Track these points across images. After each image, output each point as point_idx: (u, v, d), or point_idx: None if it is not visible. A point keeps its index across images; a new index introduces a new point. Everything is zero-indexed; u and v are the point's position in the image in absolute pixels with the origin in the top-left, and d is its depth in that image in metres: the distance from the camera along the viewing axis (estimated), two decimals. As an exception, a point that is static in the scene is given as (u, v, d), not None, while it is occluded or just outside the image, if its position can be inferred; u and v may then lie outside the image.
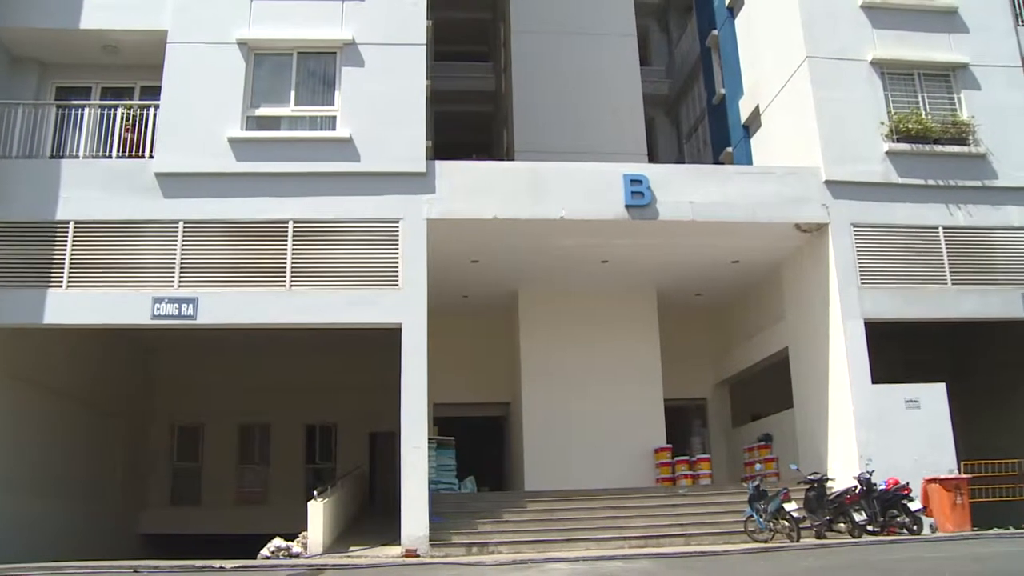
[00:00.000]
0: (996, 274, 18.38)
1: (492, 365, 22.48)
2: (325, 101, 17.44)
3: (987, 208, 18.69)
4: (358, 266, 16.44)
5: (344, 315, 16.23)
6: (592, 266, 20.07)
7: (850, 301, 17.73)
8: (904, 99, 19.26)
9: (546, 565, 12.94)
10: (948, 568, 11.20)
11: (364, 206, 16.72)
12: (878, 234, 18.22)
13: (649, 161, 24.87)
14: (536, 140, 24.12)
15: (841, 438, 17.53)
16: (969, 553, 12.70)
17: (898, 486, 15.62)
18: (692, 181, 18.30)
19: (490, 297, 21.68)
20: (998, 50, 19.81)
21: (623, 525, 16.32)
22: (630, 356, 21.34)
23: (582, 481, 19.01)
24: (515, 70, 25.38)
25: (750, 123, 23.23)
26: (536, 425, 20.56)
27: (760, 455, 20.68)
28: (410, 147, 17.16)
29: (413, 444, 15.62)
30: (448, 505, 16.86)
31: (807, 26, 19.30)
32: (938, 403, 17.44)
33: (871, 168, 18.51)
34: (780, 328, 20.57)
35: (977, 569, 11.22)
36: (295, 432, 25.12)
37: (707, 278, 21.50)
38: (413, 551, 14.68)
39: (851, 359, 17.42)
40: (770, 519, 15.26)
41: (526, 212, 17.38)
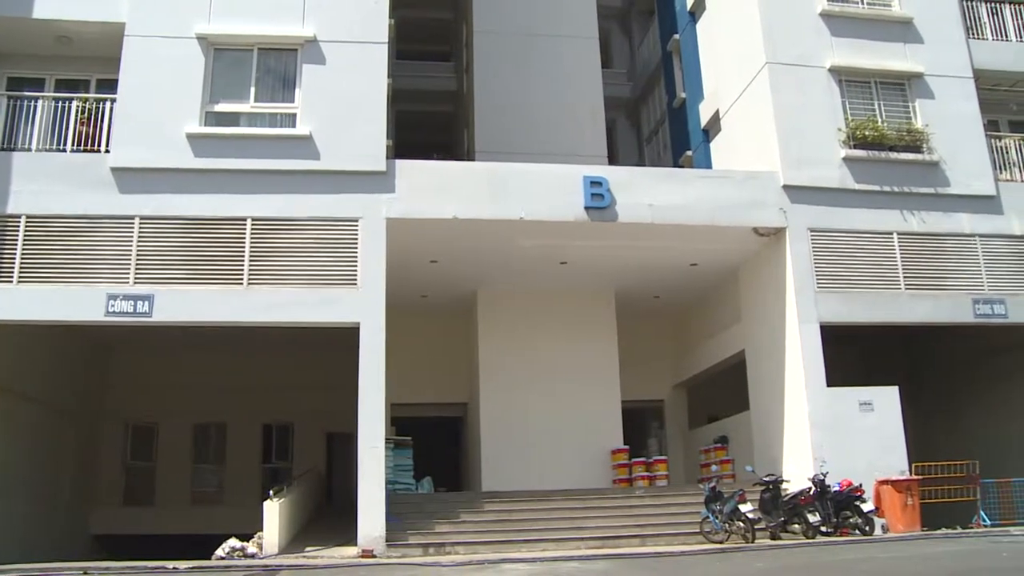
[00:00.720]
0: (947, 280, 18.71)
1: (450, 365, 22.45)
2: (285, 98, 17.30)
3: (939, 215, 19.03)
4: (317, 265, 16.32)
5: (302, 314, 16.12)
6: (551, 267, 20.11)
7: (806, 305, 17.93)
8: (861, 106, 19.53)
9: (503, 566, 12.95)
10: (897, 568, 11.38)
11: (323, 204, 16.60)
12: (834, 239, 18.45)
13: (609, 163, 24.96)
14: (497, 141, 24.10)
15: (796, 440, 17.73)
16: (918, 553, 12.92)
17: (851, 488, 15.85)
18: (652, 184, 18.39)
19: (449, 297, 21.65)
20: (951, 61, 20.18)
21: (580, 526, 16.37)
22: (588, 357, 21.40)
23: (539, 482, 19.04)
24: (477, 70, 25.35)
25: (710, 127, 23.41)
26: (493, 425, 20.55)
27: (716, 457, 20.84)
28: (370, 146, 17.07)
29: (370, 444, 15.55)
30: (405, 505, 16.79)
31: (767, 32, 19.50)
32: (891, 406, 17.71)
33: (828, 174, 18.75)
34: (737, 331, 20.75)
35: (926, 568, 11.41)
36: (252, 431, 24.86)
37: (665, 280, 21.63)
38: (369, 551, 14.60)
39: (806, 362, 17.62)
40: (726, 520, 15.36)
41: (486, 212, 17.36)
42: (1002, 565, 11.43)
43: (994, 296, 18.78)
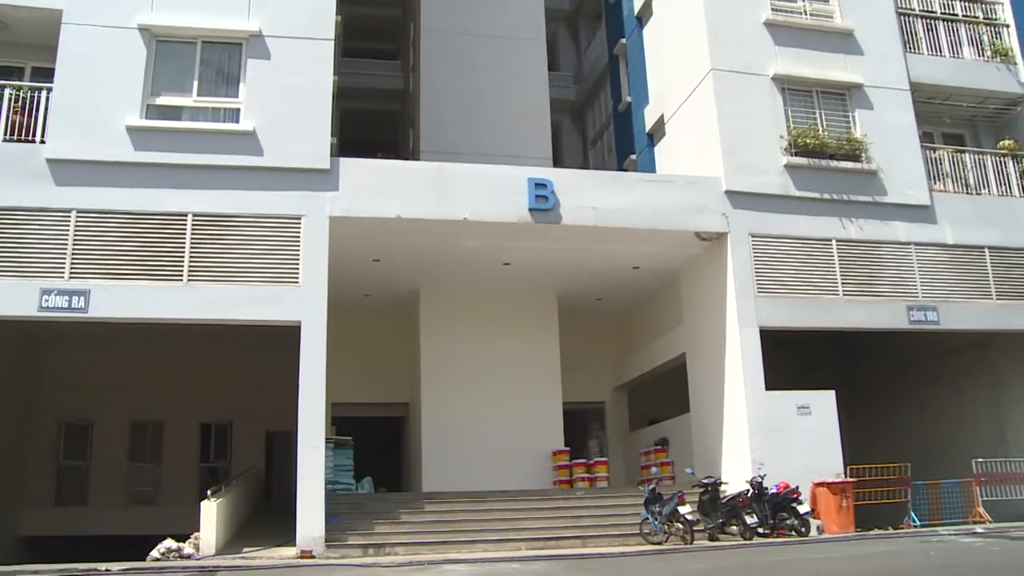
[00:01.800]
0: (883, 286, 19.12)
1: (392, 365, 22.34)
2: (229, 93, 17.04)
3: (877, 223, 19.43)
4: (258, 262, 16.10)
5: (243, 312, 15.88)
6: (494, 268, 20.13)
7: (746, 309, 18.17)
8: (803, 115, 19.86)
9: (443, 567, 12.93)
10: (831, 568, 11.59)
11: (266, 201, 16.37)
12: (775, 244, 18.74)
13: (554, 166, 25.04)
14: (442, 141, 24.04)
15: (735, 443, 17.95)
16: (852, 553, 13.20)
17: (788, 490, 16.11)
18: (596, 187, 18.49)
19: (391, 297, 21.55)
20: (889, 73, 20.64)
21: (521, 527, 16.38)
22: (530, 359, 21.45)
23: (480, 483, 19.01)
24: (423, 70, 25.25)
25: (654, 132, 23.61)
26: (435, 426, 20.49)
27: (656, 459, 21.02)
28: (314, 143, 16.90)
29: (310, 444, 15.40)
30: (345, 506, 16.67)
31: (712, 40, 19.73)
32: (827, 409, 18.04)
33: (770, 180, 19.03)
34: (678, 334, 20.95)
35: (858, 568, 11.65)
36: (189, 430, 24.45)
37: (608, 283, 21.77)
38: (309, 552, 14.46)
39: (746, 366, 17.85)
40: (665, 521, 15.51)
41: (430, 212, 17.30)
42: (930, 564, 11.71)
43: (927, 303, 19.23)
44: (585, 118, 31.33)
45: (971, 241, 20.04)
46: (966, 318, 19.55)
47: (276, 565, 13.73)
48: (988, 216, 20.46)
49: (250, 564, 13.73)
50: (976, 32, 22.40)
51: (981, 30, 22.45)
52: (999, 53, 22.14)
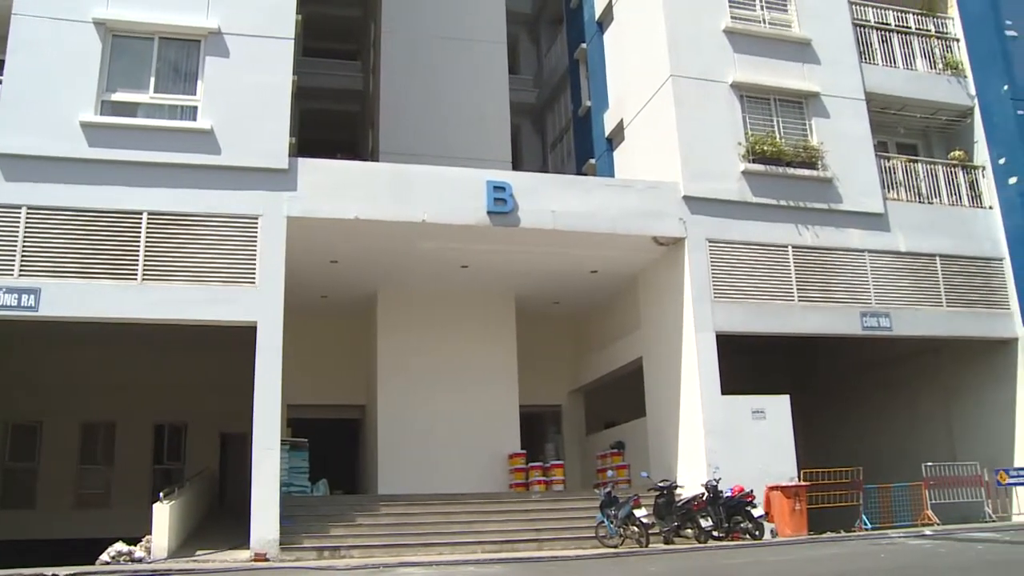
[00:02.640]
0: (838, 293, 19.38)
1: (348, 367, 22.22)
2: (187, 90, 16.81)
3: (832, 230, 19.70)
4: (214, 262, 15.89)
5: (198, 312, 15.67)
6: (452, 270, 20.10)
7: (703, 314, 18.31)
8: (761, 122, 20.07)
9: (399, 570, 12.89)
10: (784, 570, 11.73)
11: (223, 201, 16.17)
12: (732, 250, 18.91)
13: (513, 169, 25.04)
14: (402, 142, 23.94)
15: (690, 446, 18.08)
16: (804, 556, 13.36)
17: (743, 493, 16.25)
18: (555, 190, 18.55)
19: (349, 298, 21.43)
20: (845, 83, 20.94)
21: (477, 530, 16.36)
22: (487, 361, 21.44)
23: (437, 485, 18.93)
24: (384, 71, 25.15)
25: (614, 136, 23.72)
26: (391, 428, 20.38)
27: (612, 462, 21.06)
28: (273, 142, 16.73)
29: (265, 445, 15.24)
30: (300, 508, 16.50)
31: (672, 46, 19.87)
32: (782, 414, 18.22)
33: (727, 186, 19.21)
34: (635, 338, 21.06)
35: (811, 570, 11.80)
36: (143, 431, 24.13)
37: (565, 287, 21.82)
38: (263, 555, 14.32)
39: (702, 370, 17.98)
40: (621, 525, 15.57)
41: (388, 214, 17.21)
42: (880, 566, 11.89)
43: (880, 310, 19.54)
44: (545, 122, 31.40)
45: (923, 249, 20.42)
46: (917, 325, 19.90)
47: (229, 568, 13.57)
48: (939, 225, 20.86)
49: (203, 567, 13.56)
50: (929, 45, 22.83)
51: (933, 43, 22.89)
52: (950, 66, 22.59)
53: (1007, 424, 20.39)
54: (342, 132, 30.39)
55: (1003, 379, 20.66)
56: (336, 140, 29.22)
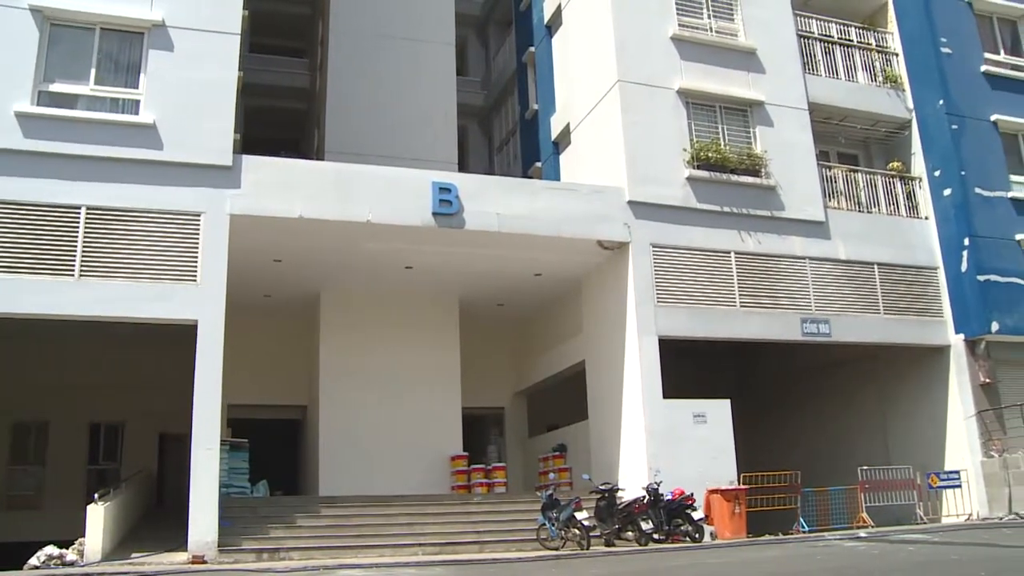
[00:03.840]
0: (779, 299, 19.67)
1: (290, 367, 22.01)
2: (129, 83, 16.42)
3: (774, 237, 19.99)
4: (155, 259, 15.57)
5: (137, 309, 15.35)
6: (396, 271, 20.02)
7: (646, 318, 18.45)
8: (706, 129, 20.30)
9: (338, 571, 12.80)
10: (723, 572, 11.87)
11: (165, 197, 15.85)
12: (675, 255, 19.09)
13: (459, 171, 25.01)
14: (348, 141, 23.81)
15: (632, 450, 18.19)
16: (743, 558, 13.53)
17: (683, 496, 16.39)
18: (500, 193, 18.56)
19: (292, 297, 21.22)
20: (789, 93, 21.29)
21: (418, 532, 16.29)
22: (430, 363, 21.36)
23: (378, 487, 18.81)
24: (331, 69, 24.97)
25: (560, 140, 23.82)
26: (333, 429, 20.22)
27: (554, 465, 21.15)
28: (217, 139, 16.45)
29: (205, 446, 14.99)
30: (239, 509, 16.28)
31: (620, 51, 20.02)
32: (723, 418, 18.43)
33: (672, 192, 19.39)
34: (578, 341, 21.15)
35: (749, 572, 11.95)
36: (77, 431, 23.59)
37: (510, 289, 21.84)
38: (200, 557, 14.09)
39: (644, 374, 18.12)
40: (562, 527, 15.60)
41: (333, 213, 17.06)
42: (817, 567, 12.07)
43: (820, 316, 19.88)
44: (492, 124, 31.44)
45: (862, 257, 20.83)
46: (856, 331, 20.29)
47: (166, 571, 13.33)
48: (878, 234, 21.31)
49: (138, 570, 13.26)
50: (870, 58, 23.32)
51: (874, 57, 23.39)
52: (890, 79, 23.10)
53: (939, 429, 20.90)
54: (288, 130, 30.15)
55: (936, 385, 21.15)
56: (281, 138, 29.00)
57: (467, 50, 32.54)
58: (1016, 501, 19.33)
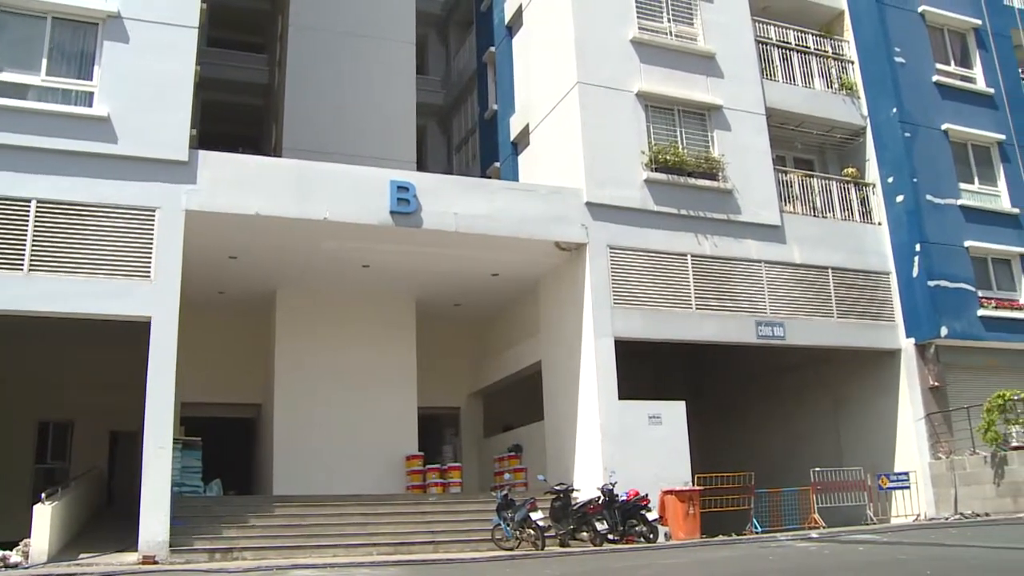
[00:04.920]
0: (734, 302, 19.85)
1: (245, 365, 21.78)
2: (83, 75, 16.10)
3: (730, 240, 20.18)
4: (108, 254, 15.30)
5: (89, 305, 15.07)
6: (353, 270, 19.90)
7: (602, 319, 18.52)
8: (664, 132, 20.43)
9: (292, 571, 12.68)
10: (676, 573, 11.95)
11: (118, 191, 15.57)
12: (632, 257, 19.19)
13: (418, 170, 24.92)
14: (306, 139, 23.63)
15: (587, 450, 18.25)
16: (697, 558, 13.61)
17: (638, 497, 16.47)
18: (458, 193, 18.52)
19: (247, 295, 21.02)
20: (747, 97, 21.51)
21: (373, 532, 16.22)
22: (386, 362, 21.27)
23: (333, 486, 18.72)
24: (290, 65, 24.78)
25: (519, 141, 23.84)
26: (287, 428, 20.05)
27: (510, 465, 21.15)
28: (173, 133, 16.21)
29: (157, 444, 14.78)
30: (192, 509, 16.07)
31: (580, 53, 20.07)
32: (678, 419, 18.56)
33: (630, 194, 19.48)
34: (535, 342, 21.18)
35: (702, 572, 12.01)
36: (25, 429, 23.06)
37: (467, 289, 21.82)
38: (151, 557, 13.89)
39: (600, 375, 18.19)
40: (517, 528, 15.62)
41: (290, 211, 16.90)
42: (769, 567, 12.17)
43: (775, 319, 20.10)
44: (451, 124, 31.40)
45: (816, 261, 21.11)
46: (809, 334, 20.54)
47: (115, 572, 13.10)
48: (832, 238, 21.60)
49: (86, 571, 13.03)
50: (826, 65, 23.65)
51: (830, 64, 23.73)
52: (845, 87, 23.44)
53: (889, 431, 21.24)
54: (245, 126, 29.87)
55: (887, 388, 21.50)
56: (239, 134, 28.71)
57: (427, 49, 32.46)
58: (962, 501, 19.71)
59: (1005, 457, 19.01)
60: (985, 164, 23.67)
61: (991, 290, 22.37)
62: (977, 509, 19.29)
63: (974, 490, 19.58)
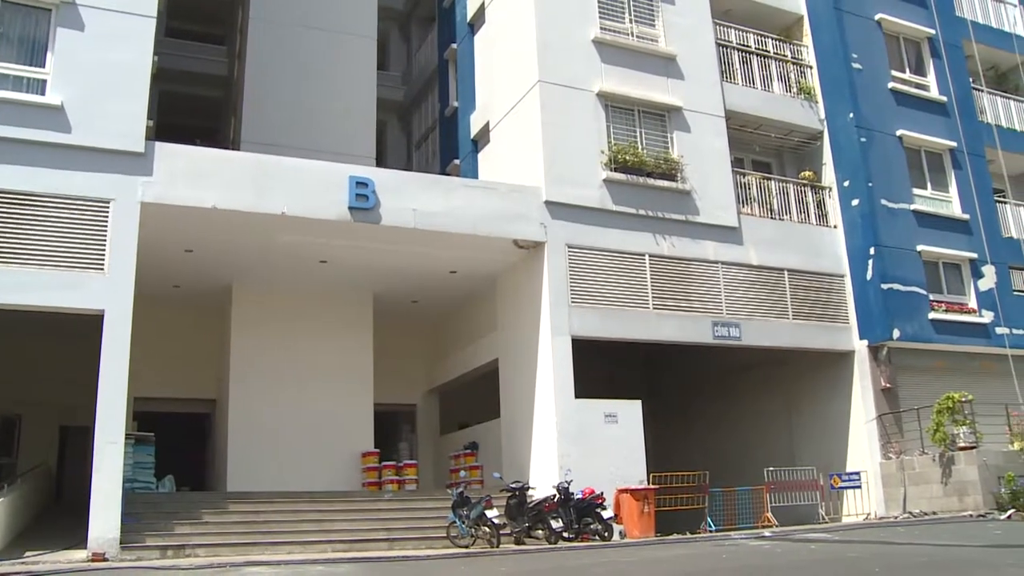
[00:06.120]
0: (691, 302, 19.99)
1: (199, 360, 21.58)
2: (35, 61, 15.75)
3: (688, 241, 20.32)
4: (60, 246, 15.01)
5: (40, 297, 14.79)
6: (311, 265, 19.75)
7: (560, 318, 18.56)
8: (624, 132, 20.51)
9: (245, 569, 12.56)
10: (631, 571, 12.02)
11: (72, 182, 15.28)
12: (590, 256, 19.25)
13: (377, 166, 24.78)
14: (265, 132, 23.36)
15: (543, 449, 18.29)
16: (651, 557, 13.70)
17: (593, 495, 16.55)
18: (417, 189, 18.44)
19: (203, 289, 20.77)
20: (707, 100, 21.66)
21: (328, 529, 16.13)
22: (343, 359, 21.16)
23: (288, 483, 18.56)
24: (250, 58, 24.50)
25: (479, 138, 23.82)
26: (242, 424, 19.86)
27: (466, 462, 21.11)
28: (129, 124, 15.95)
29: (108, 439, 14.54)
30: (143, 505, 15.87)
31: (541, 52, 20.08)
32: (634, 418, 18.64)
33: (589, 193, 19.54)
34: (492, 340, 21.19)
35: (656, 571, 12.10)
36: (-31, 424, 22.70)
37: (424, 286, 21.76)
38: (101, 555, 13.67)
39: (557, 373, 18.22)
40: (472, 525, 15.63)
41: (248, 204, 16.75)
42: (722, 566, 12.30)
43: (731, 320, 20.28)
44: (411, 120, 31.28)
45: (773, 263, 21.33)
46: (765, 335, 20.75)
47: (63, 570, 12.83)
48: (788, 241, 21.84)
49: (32, 570, 12.73)
50: (785, 69, 23.90)
51: (789, 68, 23.98)
52: (804, 91, 23.71)
53: (842, 431, 21.54)
54: (203, 118, 29.51)
55: (840, 389, 21.80)
56: (196, 126, 28.34)
57: (389, 44, 32.27)
58: (911, 500, 20.06)
59: (952, 457, 19.37)
60: (937, 170, 24.07)
61: (942, 294, 22.77)
62: (925, 508, 19.64)
63: (922, 489, 19.92)
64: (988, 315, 22.79)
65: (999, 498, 18.60)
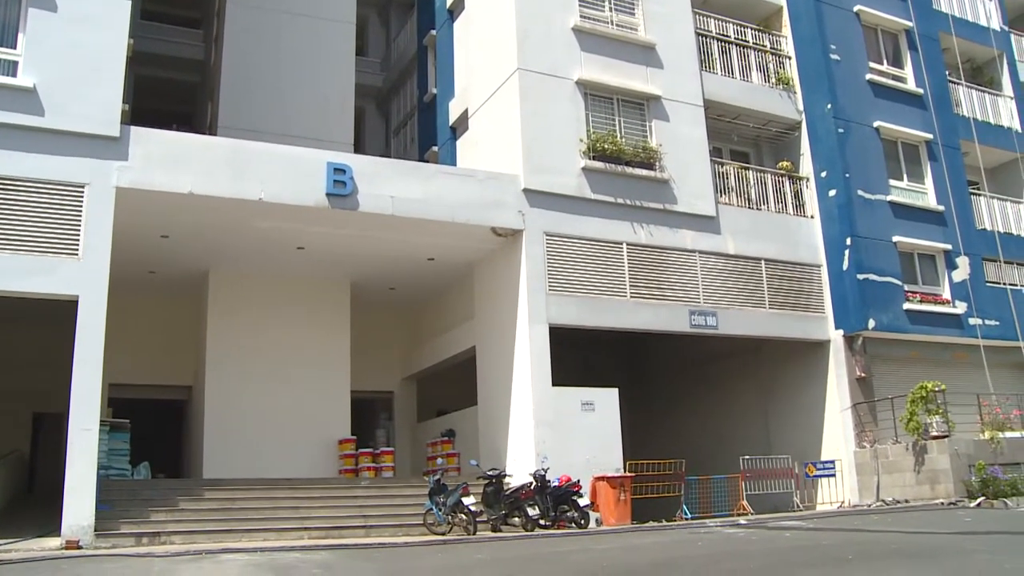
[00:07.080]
0: (668, 291, 20.05)
1: (175, 346, 21.49)
2: (6, 42, 15.47)
3: (666, 230, 20.36)
4: (34, 231, 14.82)
5: (12, 283, 14.60)
6: (288, 252, 19.65)
7: (537, 306, 18.58)
8: (603, 120, 20.49)
9: (222, 556, 12.52)
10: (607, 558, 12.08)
11: (46, 166, 15.09)
12: (568, 244, 19.26)
13: (355, 152, 24.64)
14: (241, 117, 23.17)
15: (520, 436, 18.32)
16: (627, 544, 13.77)
17: (570, 483, 16.61)
18: (395, 176, 18.37)
19: (179, 275, 20.63)
20: (685, 89, 21.66)
21: (304, 516, 16.10)
22: (320, 345, 21.12)
23: (264, 470, 18.52)
24: (227, 42, 24.23)
25: (458, 125, 23.74)
26: (218, 411, 19.78)
27: (442, 450, 21.16)
28: (104, 108, 15.76)
29: (83, 426, 14.42)
30: (118, 492, 15.77)
31: (521, 39, 20.02)
32: (610, 407, 18.69)
33: (567, 181, 19.53)
34: (469, 327, 21.18)
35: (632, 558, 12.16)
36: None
37: (402, 273, 21.71)
38: (75, 542, 13.56)
39: (534, 361, 18.24)
40: (449, 512, 15.66)
41: (224, 190, 16.62)
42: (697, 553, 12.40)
43: (707, 308, 20.37)
44: (390, 106, 31.16)
45: (750, 252, 21.42)
46: (742, 324, 20.86)
47: (35, 558, 12.69)
48: (766, 230, 21.93)
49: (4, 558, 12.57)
50: (764, 59, 23.95)
51: (768, 58, 24.03)
52: (782, 81, 23.76)
53: (817, 420, 21.71)
54: (180, 103, 29.29)
55: (815, 378, 21.96)
56: (172, 111, 28.15)
57: (367, 30, 32.12)
58: (884, 489, 20.25)
59: (925, 446, 19.57)
60: (914, 162, 24.24)
61: (916, 284, 22.95)
62: (898, 496, 19.85)
63: (895, 478, 20.12)
64: (961, 306, 23.02)
65: (970, 486, 18.83)
